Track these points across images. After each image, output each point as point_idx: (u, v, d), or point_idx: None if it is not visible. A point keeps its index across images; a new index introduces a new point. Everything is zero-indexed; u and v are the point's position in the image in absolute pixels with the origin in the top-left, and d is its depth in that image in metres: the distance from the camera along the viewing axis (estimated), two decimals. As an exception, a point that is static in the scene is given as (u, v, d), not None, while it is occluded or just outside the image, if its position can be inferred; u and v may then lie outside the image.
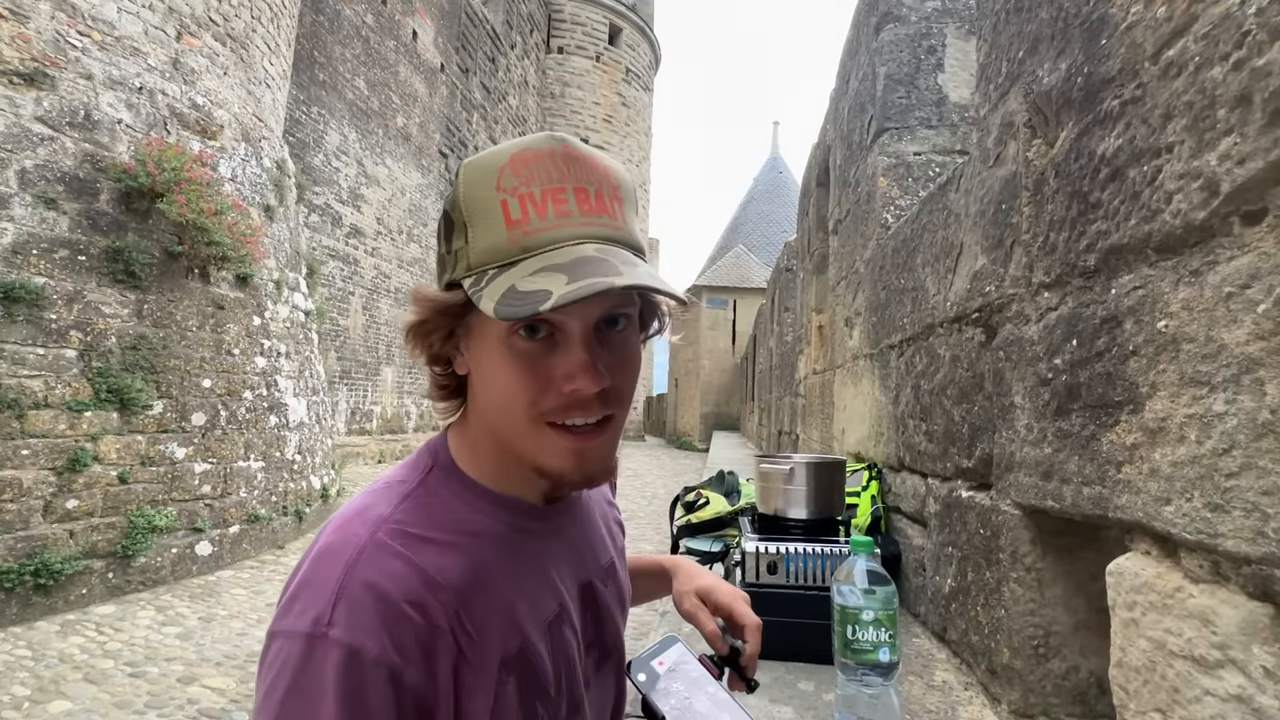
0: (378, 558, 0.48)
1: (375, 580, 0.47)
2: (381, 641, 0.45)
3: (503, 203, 0.49)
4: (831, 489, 1.58)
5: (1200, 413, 0.71)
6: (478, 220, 0.50)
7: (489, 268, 0.49)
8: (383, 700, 0.45)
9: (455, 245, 0.51)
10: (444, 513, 0.54)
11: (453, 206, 0.52)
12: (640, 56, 24.62)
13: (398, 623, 0.46)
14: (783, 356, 7.83)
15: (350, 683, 0.44)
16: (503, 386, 0.52)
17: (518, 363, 0.51)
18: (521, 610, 0.55)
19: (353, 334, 11.65)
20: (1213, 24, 0.71)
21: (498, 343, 0.51)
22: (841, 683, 1.00)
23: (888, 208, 2.35)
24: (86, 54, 4.98)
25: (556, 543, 0.61)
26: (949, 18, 2.38)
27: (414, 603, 0.47)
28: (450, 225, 0.52)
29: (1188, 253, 0.75)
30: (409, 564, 0.49)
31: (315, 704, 0.43)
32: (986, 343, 1.35)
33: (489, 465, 0.58)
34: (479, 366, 0.54)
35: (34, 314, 4.38)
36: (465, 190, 0.51)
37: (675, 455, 17.99)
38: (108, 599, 4.43)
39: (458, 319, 0.53)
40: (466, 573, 0.52)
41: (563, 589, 0.60)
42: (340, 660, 0.44)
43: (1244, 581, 0.66)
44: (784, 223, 25.72)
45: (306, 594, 0.47)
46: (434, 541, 0.52)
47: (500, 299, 0.46)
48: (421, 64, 13.97)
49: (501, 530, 0.56)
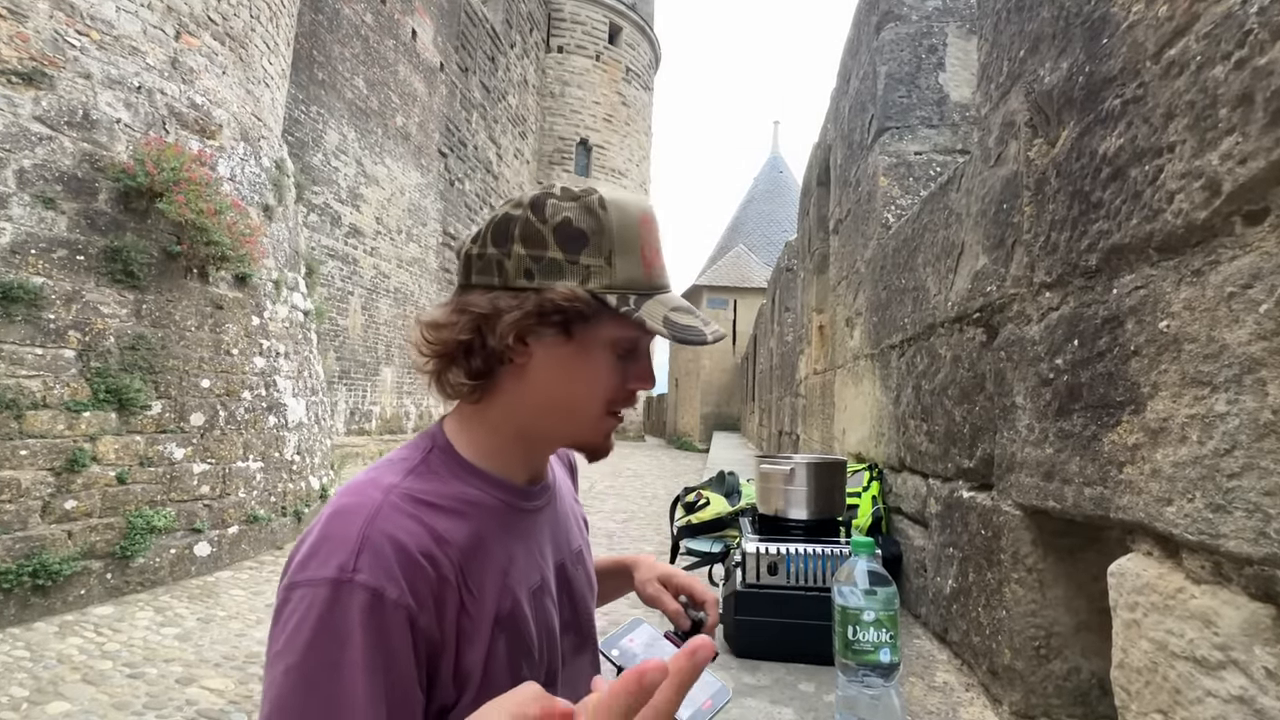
0: (394, 515, 0.54)
1: (394, 533, 0.53)
2: (400, 586, 0.51)
3: (641, 246, 0.62)
4: (832, 489, 1.58)
5: (1202, 413, 0.71)
6: (622, 253, 0.61)
7: (629, 293, 0.61)
8: (402, 639, 0.50)
9: (587, 261, 0.60)
10: (443, 484, 0.61)
11: (595, 231, 0.61)
12: (640, 56, 24.61)
13: (414, 572, 0.52)
14: (783, 356, 7.83)
15: (375, 621, 0.49)
16: (593, 381, 0.63)
17: (616, 365, 0.64)
18: (513, 575, 0.61)
19: (352, 334, 11.64)
20: (1214, 23, 0.70)
21: (603, 349, 0.63)
22: (842, 684, 1.00)
23: (888, 207, 2.35)
24: (85, 53, 4.97)
25: (537, 521, 0.69)
26: (950, 17, 2.37)
27: (427, 555, 0.54)
28: (580, 241, 0.60)
29: (1189, 252, 0.75)
30: (420, 523, 0.55)
31: (343, 642, 0.48)
32: (988, 343, 1.35)
33: (487, 449, 0.65)
34: (570, 363, 0.63)
35: (32, 314, 4.38)
36: (615, 225, 0.61)
37: (675, 455, 17.99)
38: (106, 600, 4.43)
39: (582, 321, 0.61)
40: (468, 536, 0.59)
41: (543, 563, 0.67)
42: (366, 601, 0.49)
43: (1246, 582, 0.66)
44: (784, 223, 25.72)
45: (327, 547, 0.52)
46: (439, 507, 0.58)
47: (664, 323, 0.60)
48: (421, 63, 13.96)
49: (494, 504, 0.63)
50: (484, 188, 17.50)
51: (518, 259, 0.60)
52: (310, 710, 0.47)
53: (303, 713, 0.47)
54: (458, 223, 16.03)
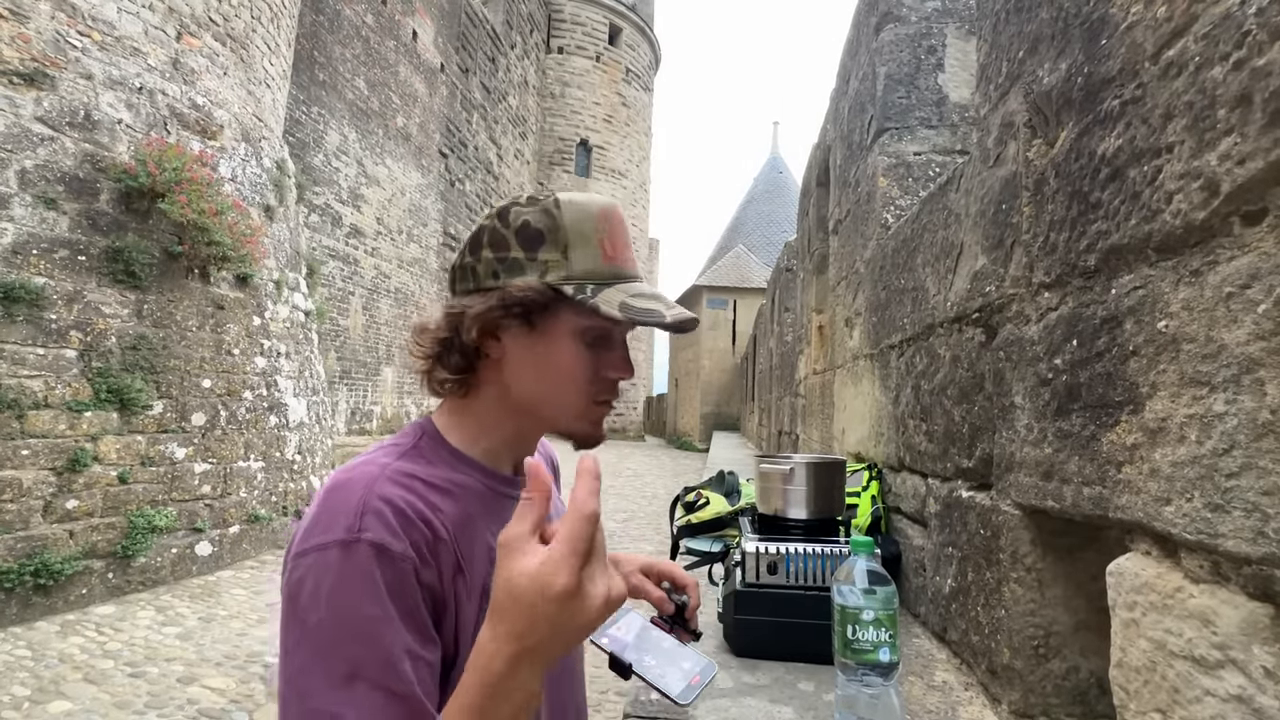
0: (389, 485, 0.59)
1: (391, 497, 0.57)
2: (403, 542, 0.55)
3: (600, 240, 0.66)
4: (831, 489, 1.58)
5: (1200, 413, 0.71)
6: (578, 245, 0.65)
7: (588, 283, 0.64)
8: (412, 590, 0.54)
9: (545, 256, 0.65)
10: (434, 468, 0.65)
11: (551, 228, 0.65)
12: (640, 56, 24.61)
13: (412, 529, 0.56)
14: (783, 356, 7.83)
15: (387, 573, 0.53)
16: (565, 371, 0.67)
17: (586, 354, 0.67)
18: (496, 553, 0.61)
19: (353, 334, 11.65)
20: (1213, 24, 0.70)
21: (570, 338, 0.66)
22: (842, 683, 1.00)
23: (888, 208, 2.35)
24: (86, 54, 4.98)
25: None
26: (949, 18, 2.37)
27: (422, 518, 0.58)
28: (538, 240, 0.65)
29: (1188, 253, 0.75)
30: (414, 493, 0.60)
31: (361, 593, 0.52)
32: (987, 343, 1.35)
33: (473, 439, 0.70)
34: (539, 354, 0.67)
35: (34, 314, 4.38)
36: (570, 220, 0.66)
37: (675, 455, 17.99)
38: (108, 599, 4.43)
39: (541, 311, 0.65)
40: (458, 512, 0.63)
41: None
42: (375, 555, 0.53)
43: (1244, 582, 0.66)
44: (784, 223, 25.72)
45: (329, 516, 0.56)
46: (431, 484, 0.63)
47: (620, 308, 0.63)
48: (421, 64, 13.97)
49: (480, 488, 0.68)
50: (484, 188, 17.50)
51: (486, 263, 0.66)
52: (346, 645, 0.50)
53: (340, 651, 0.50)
54: (458, 223, 16.03)
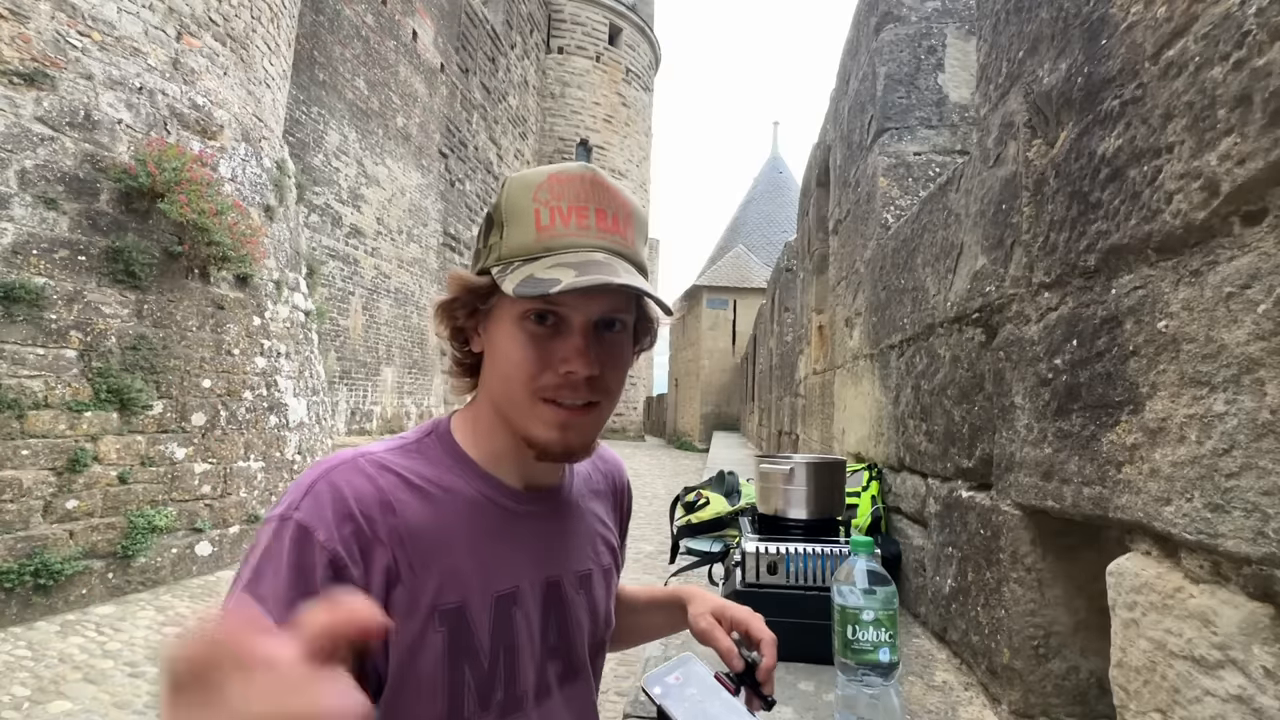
0: (349, 472, 0.58)
1: (337, 484, 0.56)
2: (330, 531, 0.54)
3: (535, 211, 0.60)
4: (831, 489, 1.58)
5: (1200, 413, 0.71)
6: (513, 222, 0.60)
7: (515, 260, 0.59)
8: (323, 579, 0.53)
9: (491, 241, 0.62)
10: (425, 466, 0.62)
11: (495, 209, 0.62)
12: (640, 56, 24.61)
13: (345, 521, 0.55)
14: (783, 357, 7.83)
15: (300, 556, 0.53)
16: (510, 361, 0.61)
17: (527, 342, 0.60)
18: (469, 571, 0.60)
19: (353, 334, 11.65)
20: (1213, 24, 0.71)
21: (511, 324, 0.61)
22: (842, 683, 1.00)
23: (888, 208, 2.35)
24: (86, 54, 4.98)
25: (528, 529, 0.66)
26: (949, 18, 2.37)
27: (363, 513, 0.56)
28: (490, 224, 0.63)
29: (1188, 253, 0.75)
30: (374, 484, 0.58)
31: (276, 567, 0.53)
32: (987, 343, 1.35)
33: (483, 444, 0.66)
34: (492, 344, 0.63)
35: (34, 314, 4.38)
36: (507, 197, 0.61)
37: (675, 455, 17.98)
38: (108, 599, 4.43)
39: (483, 299, 0.62)
40: (425, 517, 0.59)
41: (524, 572, 0.64)
42: (295, 535, 0.53)
43: (1244, 582, 0.66)
44: (784, 223, 25.72)
45: (291, 492, 0.57)
46: (406, 481, 0.60)
47: (520, 282, 0.56)
48: (421, 64, 13.97)
49: (473, 496, 0.63)
50: (484, 188, 17.50)
51: (476, 252, 0.65)
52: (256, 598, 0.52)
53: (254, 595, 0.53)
54: (458, 223, 16.03)
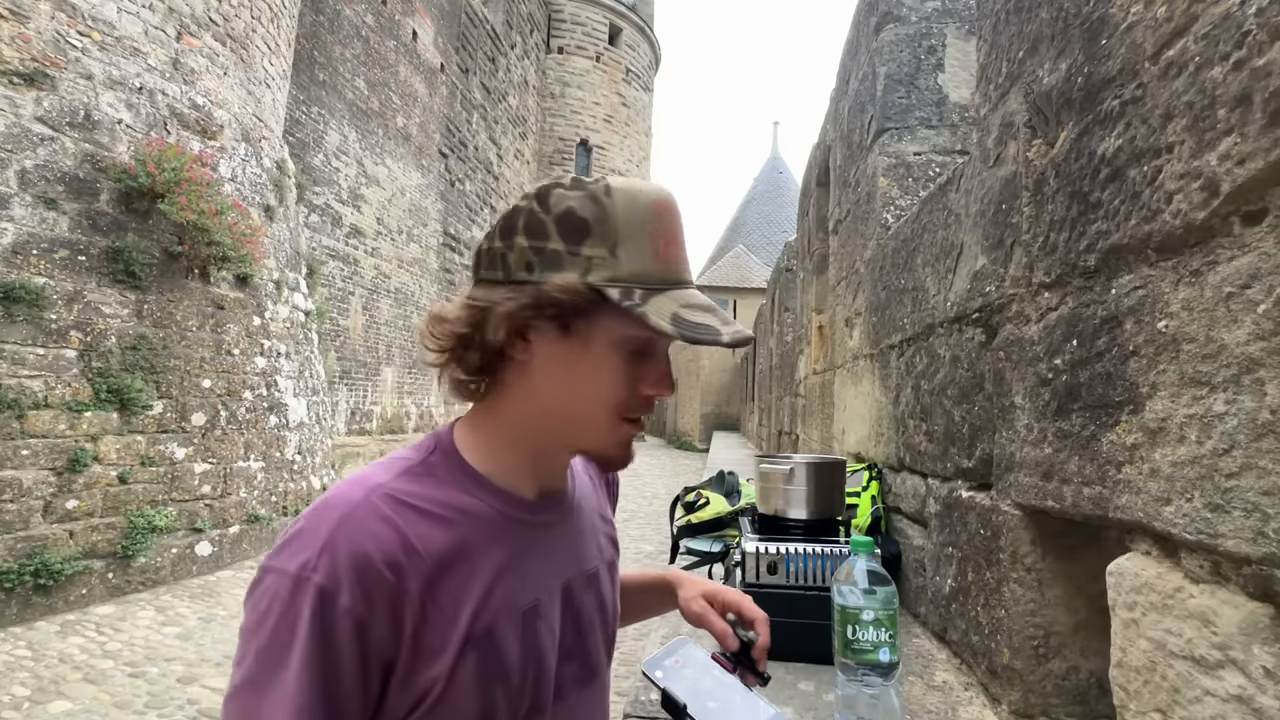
0: (367, 519, 0.53)
1: (359, 539, 0.52)
2: (354, 594, 0.51)
3: (650, 235, 0.58)
4: (831, 489, 1.58)
5: (1200, 413, 0.71)
6: (628, 243, 0.57)
7: (635, 287, 0.56)
8: (349, 644, 0.50)
9: (589, 252, 0.56)
10: (437, 489, 0.59)
11: (599, 219, 0.57)
12: (640, 56, 24.60)
13: (372, 581, 0.51)
14: (783, 357, 7.83)
15: (321, 624, 0.50)
16: (597, 384, 0.59)
17: (624, 366, 0.59)
18: (496, 593, 0.58)
19: (353, 334, 11.65)
20: (1213, 24, 0.71)
21: (609, 347, 0.58)
22: (842, 683, 1.00)
23: (888, 208, 2.35)
24: (86, 54, 4.98)
25: (543, 538, 0.65)
26: (949, 18, 2.37)
27: (390, 565, 0.52)
28: (582, 231, 0.57)
29: (1188, 253, 0.75)
30: (394, 528, 0.54)
31: (292, 636, 0.50)
32: (987, 343, 1.35)
33: (496, 458, 0.63)
34: (571, 363, 0.59)
35: (34, 314, 4.38)
36: (620, 212, 0.57)
37: (675, 455, 17.98)
38: (108, 599, 4.43)
39: (580, 315, 0.57)
40: (448, 545, 0.56)
41: (543, 583, 0.63)
42: (315, 603, 0.50)
43: (1244, 582, 0.66)
44: (784, 223, 25.72)
45: (299, 540, 0.52)
46: (422, 511, 0.56)
47: (672, 320, 0.55)
48: (421, 64, 13.97)
49: (490, 514, 0.60)
50: (484, 188, 17.51)
51: (520, 251, 0.58)
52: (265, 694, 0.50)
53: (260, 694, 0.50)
54: (458, 223, 16.03)
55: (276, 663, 0.49)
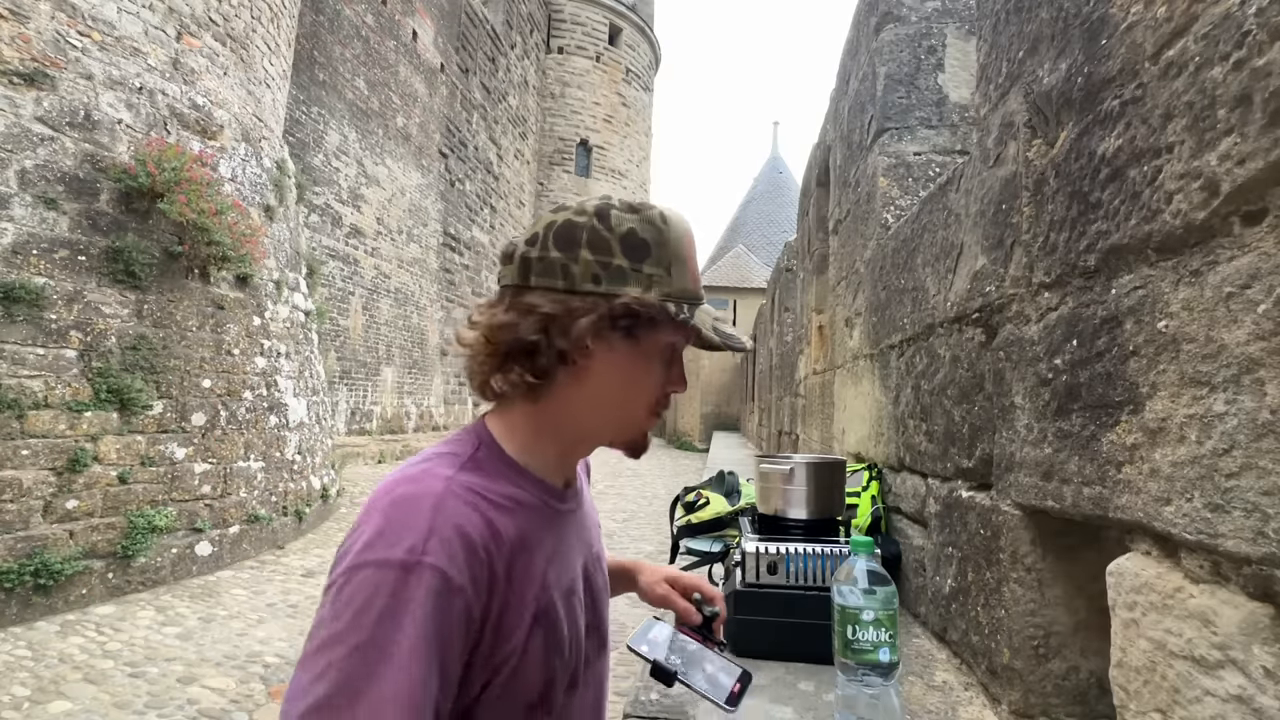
0: (458, 505, 0.57)
1: (461, 524, 0.56)
2: (463, 574, 0.54)
3: (688, 259, 0.67)
4: (831, 489, 1.58)
5: (1200, 413, 0.71)
6: (677, 266, 0.66)
7: (684, 302, 0.65)
8: (457, 622, 0.53)
9: (650, 270, 0.64)
10: (494, 482, 0.63)
11: (659, 243, 0.65)
12: (640, 57, 24.60)
13: (475, 562, 0.55)
14: (783, 357, 7.83)
15: (438, 602, 0.52)
16: (645, 384, 0.68)
17: (660, 370, 0.69)
18: (550, 575, 0.64)
19: (353, 334, 11.65)
20: (1213, 24, 0.71)
21: (658, 354, 0.67)
22: (842, 683, 1.01)
23: (888, 208, 2.35)
24: (86, 54, 4.98)
25: (570, 524, 0.71)
26: (949, 18, 2.38)
27: (484, 548, 0.57)
28: (643, 251, 0.64)
29: (1188, 253, 0.75)
30: (481, 515, 0.58)
31: (404, 617, 0.50)
32: (986, 343, 1.35)
33: (532, 450, 0.68)
34: (627, 365, 0.66)
35: (34, 314, 4.38)
36: (676, 239, 0.66)
37: (675, 455, 17.97)
38: (108, 599, 4.43)
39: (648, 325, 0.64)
40: (516, 533, 0.61)
41: (574, 565, 0.70)
42: (432, 583, 0.52)
43: (1244, 582, 0.66)
44: (784, 223, 25.72)
45: (393, 532, 0.54)
46: (492, 502, 0.60)
47: (713, 331, 0.67)
48: (421, 64, 13.97)
49: (537, 504, 0.66)
50: (484, 188, 17.50)
51: (585, 264, 0.62)
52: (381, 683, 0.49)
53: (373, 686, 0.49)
54: (458, 223, 16.03)
55: (380, 656, 0.49)
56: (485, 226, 17.55)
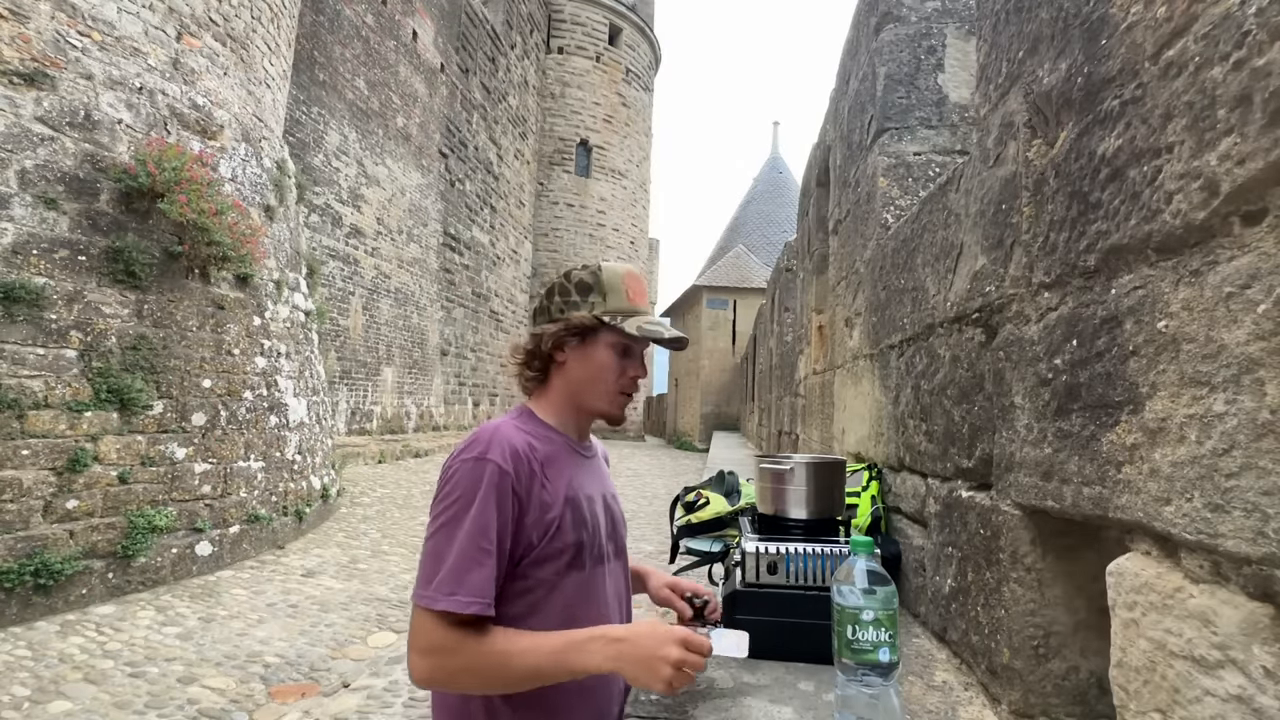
0: (511, 432, 1.01)
1: (509, 439, 0.99)
2: (509, 465, 0.96)
3: (625, 287, 1.10)
4: (831, 489, 1.58)
5: (1200, 413, 0.71)
6: (612, 294, 1.09)
7: (618, 314, 1.08)
8: (506, 494, 0.95)
9: (592, 299, 1.09)
10: (533, 428, 1.07)
11: (595, 282, 1.09)
12: (640, 57, 24.61)
13: (518, 460, 0.98)
14: (783, 356, 7.83)
15: (496, 480, 0.95)
16: (605, 370, 1.09)
17: (617, 362, 1.10)
18: (574, 481, 1.06)
19: (353, 334, 11.65)
20: (1213, 24, 0.71)
21: (608, 349, 1.09)
22: (841, 683, 1.00)
23: (888, 208, 2.35)
24: (86, 54, 4.98)
25: (586, 465, 1.13)
26: (949, 18, 2.38)
27: (525, 453, 0.99)
28: (587, 289, 1.09)
29: (1188, 253, 0.75)
30: (524, 436, 1.02)
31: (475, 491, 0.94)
32: (986, 343, 1.35)
33: (558, 416, 1.12)
34: (587, 360, 1.09)
35: (34, 314, 4.38)
36: (607, 280, 1.10)
37: (675, 455, 17.97)
38: (108, 599, 4.43)
39: (590, 332, 1.09)
40: (549, 453, 1.04)
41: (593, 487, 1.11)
42: (491, 469, 0.95)
43: (1244, 582, 0.66)
44: (784, 223, 25.72)
45: (474, 444, 0.97)
46: (532, 436, 1.04)
47: (638, 329, 1.07)
48: (421, 64, 13.97)
49: (562, 443, 1.09)
50: (484, 188, 17.50)
51: (555, 304, 1.10)
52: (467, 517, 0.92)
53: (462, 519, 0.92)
54: (458, 223, 16.03)
55: (465, 506, 0.92)
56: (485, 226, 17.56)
